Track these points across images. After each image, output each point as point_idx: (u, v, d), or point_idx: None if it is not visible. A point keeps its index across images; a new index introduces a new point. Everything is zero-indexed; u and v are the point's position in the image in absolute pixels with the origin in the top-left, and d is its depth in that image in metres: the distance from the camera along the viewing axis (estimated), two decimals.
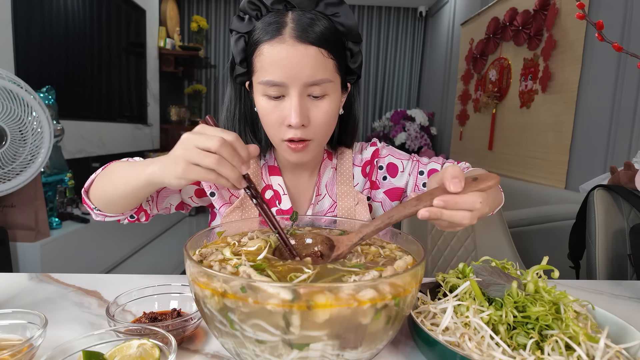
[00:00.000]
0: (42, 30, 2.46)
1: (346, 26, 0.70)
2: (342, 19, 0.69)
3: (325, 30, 0.67)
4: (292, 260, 0.54)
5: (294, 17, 0.66)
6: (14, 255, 1.76)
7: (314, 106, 0.70)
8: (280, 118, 0.70)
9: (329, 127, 0.74)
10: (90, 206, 0.75)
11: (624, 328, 0.54)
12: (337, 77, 0.71)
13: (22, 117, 1.56)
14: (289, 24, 0.66)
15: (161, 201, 0.81)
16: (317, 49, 0.66)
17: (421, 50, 5.24)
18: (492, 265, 0.59)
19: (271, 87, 0.68)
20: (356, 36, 0.72)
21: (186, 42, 4.92)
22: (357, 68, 0.76)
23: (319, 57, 0.66)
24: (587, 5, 2.22)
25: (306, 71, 0.66)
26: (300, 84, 0.66)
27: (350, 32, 0.71)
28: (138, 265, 2.78)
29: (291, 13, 0.67)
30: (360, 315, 0.39)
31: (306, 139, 0.71)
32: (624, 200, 1.15)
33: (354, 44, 0.73)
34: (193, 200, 0.85)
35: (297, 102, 0.67)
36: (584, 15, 0.66)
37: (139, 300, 0.61)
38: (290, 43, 0.65)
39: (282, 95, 0.69)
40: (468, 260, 1.58)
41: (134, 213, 0.77)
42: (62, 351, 0.44)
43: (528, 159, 2.77)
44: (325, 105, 0.70)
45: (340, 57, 0.71)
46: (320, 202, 0.85)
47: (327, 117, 0.71)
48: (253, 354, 0.42)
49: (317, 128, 0.71)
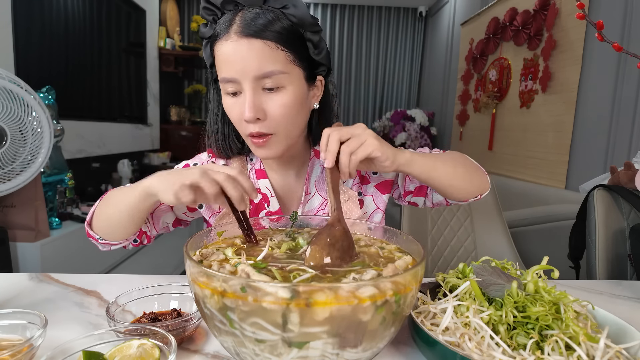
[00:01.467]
0: (42, 30, 2.46)
1: (297, 16, 0.70)
2: (292, 10, 0.69)
3: (271, 23, 0.67)
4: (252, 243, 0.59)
5: (242, 15, 0.68)
6: (14, 255, 1.76)
7: (268, 99, 0.70)
8: (240, 113, 0.71)
9: (290, 120, 0.72)
10: (94, 237, 0.77)
11: (624, 328, 0.54)
12: (294, 68, 0.70)
13: (22, 117, 1.56)
14: (236, 21, 0.68)
15: (157, 221, 0.83)
16: (261, 42, 0.67)
17: (421, 50, 5.24)
18: (492, 265, 0.59)
19: (227, 83, 0.70)
20: (312, 25, 0.71)
21: (186, 42, 4.92)
22: (323, 59, 0.75)
23: (265, 49, 0.67)
24: (587, 5, 2.22)
25: (253, 64, 0.67)
26: (250, 77, 0.67)
27: (303, 22, 0.70)
28: (138, 265, 2.78)
29: (241, 12, 0.68)
30: (360, 312, 0.39)
31: (266, 132, 0.71)
32: (624, 200, 1.15)
33: (313, 34, 0.72)
34: (187, 215, 0.87)
35: (249, 96, 0.68)
36: (584, 15, 0.66)
37: (139, 300, 0.61)
38: (234, 39, 0.67)
39: (239, 91, 0.70)
40: (468, 260, 1.58)
41: (137, 237, 0.80)
42: (62, 351, 0.44)
43: (528, 159, 2.77)
44: (280, 98, 0.70)
45: (296, 48, 0.70)
46: (310, 201, 0.84)
47: (285, 109, 0.70)
48: (253, 353, 0.42)
49: (274, 121, 0.71)
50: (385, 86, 5.30)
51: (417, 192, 0.86)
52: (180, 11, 4.95)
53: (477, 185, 0.78)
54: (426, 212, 1.62)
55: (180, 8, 4.96)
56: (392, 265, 0.49)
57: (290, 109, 0.71)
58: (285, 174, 0.86)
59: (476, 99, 3.57)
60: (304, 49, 0.72)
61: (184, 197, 0.58)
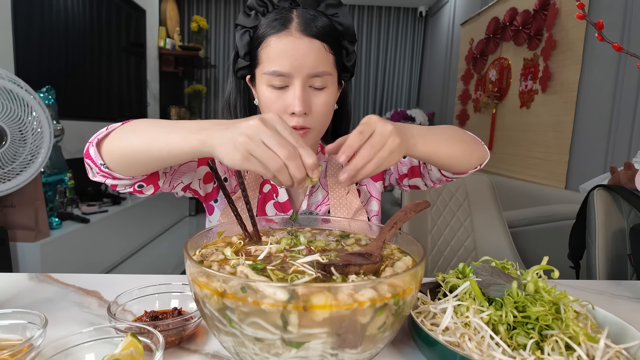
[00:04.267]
0: (42, 30, 2.46)
1: (344, 26, 0.76)
2: (341, 19, 0.75)
3: (327, 27, 0.73)
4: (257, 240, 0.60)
5: (299, 13, 0.72)
6: (14, 255, 1.76)
7: (314, 96, 0.74)
8: (283, 107, 0.74)
9: (327, 118, 0.78)
10: (95, 162, 0.65)
11: (624, 328, 0.54)
12: (335, 71, 0.76)
13: (22, 117, 1.56)
14: (294, 19, 0.72)
15: (177, 177, 0.77)
16: (320, 43, 0.71)
17: (421, 50, 5.24)
18: (492, 265, 0.59)
19: (276, 77, 0.72)
20: (352, 36, 0.78)
21: (186, 42, 4.92)
22: (351, 66, 0.82)
23: (321, 50, 0.72)
24: (587, 5, 2.22)
25: (310, 62, 0.71)
26: (304, 74, 0.71)
27: (347, 31, 0.76)
28: (138, 265, 2.78)
29: (296, 10, 0.73)
30: (359, 314, 0.39)
31: (307, 127, 0.75)
32: (624, 200, 1.15)
33: (350, 44, 0.79)
34: (199, 185, 0.83)
35: (301, 92, 0.72)
36: (584, 15, 0.66)
37: (140, 299, 0.61)
38: (296, 36, 0.70)
39: (286, 85, 0.73)
40: (468, 260, 1.58)
41: (143, 181, 0.69)
42: (55, 347, 0.44)
43: (528, 159, 2.77)
44: (324, 96, 0.75)
45: (338, 54, 0.76)
46: (314, 194, 0.89)
47: (327, 107, 0.76)
48: (252, 353, 0.42)
49: (317, 117, 0.75)
50: (385, 86, 5.30)
51: (411, 174, 0.89)
52: (180, 11, 4.95)
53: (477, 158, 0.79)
54: (426, 212, 1.62)
55: (180, 8, 4.96)
56: (390, 268, 0.49)
57: (329, 107, 0.77)
58: None
59: (476, 99, 3.57)
60: (341, 55, 0.78)
61: (252, 166, 0.50)
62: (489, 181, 1.66)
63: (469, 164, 0.77)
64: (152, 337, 0.46)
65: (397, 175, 0.91)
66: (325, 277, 0.47)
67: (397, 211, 0.61)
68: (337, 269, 0.47)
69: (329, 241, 0.61)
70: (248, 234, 0.61)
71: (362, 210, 0.86)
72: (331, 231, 0.67)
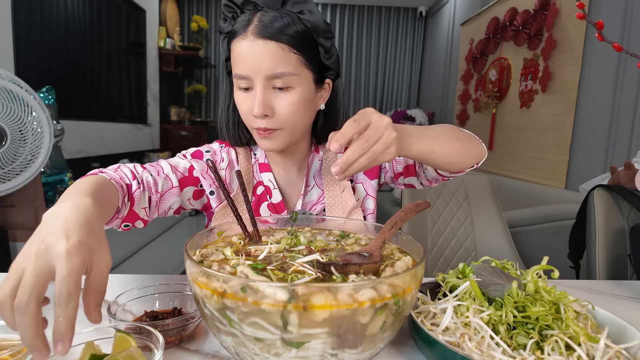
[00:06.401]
0: (42, 31, 2.46)
1: (312, 22, 0.74)
2: (307, 16, 0.73)
3: (286, 27, 0.71)
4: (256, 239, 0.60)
5: (260, 16, 0.72)
6: (14, 255, 1.76)
7: (278, 98, 0.74)
8: (249, 108, 0.75)
9: (297, 119, 0.76)
10: None
11: (624, 328, 0.54)
12: (304, 71, 0.74)
13: (22, 117, 1.56)
14: (254, 22, 0.71)
15: (163, 205, 0.80)
16: (275, 44, 0.70)
17: (421, 50, 5.24)
18: (492, 265, 0.59)
19: (240, 79, 0.74)
20: (325, 32, 0.76)
21: (186, 42, 4.92)
22: (333, 64, 0.79)
23: (277, 51, 0.70)
24: (587, 5, 2.22)
25: (266, 64, 0.70)
26: (262, 76, 0.71)
27: (317, 28, 0.74)
28: (138, 265, 2.78)
29: (259, 13, 0.72)
30: (359, 314, 0.39)
31: (271, 128, 0.75)
32: (624, 200, 1.15)
33: (325, 40, 0.76)
34: (190, 203, 0.86)
35: (259, 94, 0.72)
36: (584, 15, 0.66)
37: (140, 299, 0.61)
38: (250, 39, 0.71)
39: (251, 87, 0.74)
40: (468, 260, 1.58)
41: (126, 221, 0.73)
42: None
43: (528, 159, 2.77)
44: (288, 97, 0.73)
45: (308, 52, 0.74)
46: (309, 193, 0.89)
47: (292, 108, 0.74)
48: (252, 353, 0.42)
49: (282, 118, 0.75)
50: (385, 86, 5.30)
51: (406, 173, 0.88)
52: (180, 11, 4.95)
53: (473, 157, 0.77)
54: (426, 212, 1.62)
55: (180, 8, 4.96)
56: (390, 268, 0.49)
57: (296, 108, 0.75)
58: (287, 168, 0.90)
59: (476, 99, 3.57)
60: (316, 53, 0.76)
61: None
62: (489, 181, 1.66)
63: (465, 163, 0.76)
64: (152, 337, 0.46)
65: (392, 174, 0.90)
66: (325, 277, 0.47)
67: (397, 211, 0.61)
68: (337, 269, 0.47)
69: (329, 241, 0.61)
70: (248, 234, 0.61)
71: (357, 209, 0.86)
72: (331, 231, 0.67)
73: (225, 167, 0.87)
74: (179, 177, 0.81)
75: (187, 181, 0.82)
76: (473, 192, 1.64)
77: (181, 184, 0.81)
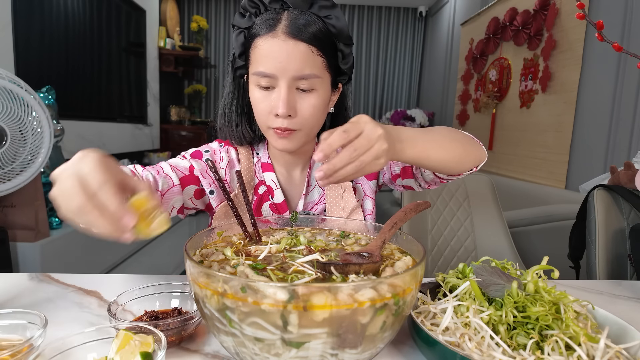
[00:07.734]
0: (42, 31, 2.46)
1: (337, 28, 0.75)
2: (334, 21, 0.74)
3: (316, 30, 0.72)
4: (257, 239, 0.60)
5: (288, 15, 0.72)
6: (14, 255, 1.76)
7: (301, 99, 0.74)
8: (269, 107, 0.74)
9: (315, 120, 0.78)
10: None
11: (624, 328, 0.54)
12: (326, 74, 0.75)
13: (22, 117, 1.56)
14: (283, 21, 0.71)
15: (166, 204, 0.80)
16: (306, 46, 0.71)
17: (421, 50, 5.24)
18: (492, 265, 0.59)
19: (263, 77, 0.73)
20: (347, 38, 0.77)
21: (186, 42, 4.92)
22: (348, 69, 0.80)
23: (307, 53, 0.71)
24: (587, 5, 2.22)
25: (295, 65, 0.71)
26: (289, 76, 0.71)
27: (341, 33, 0.75)
28: (138, 265, 2.78)
29: (286, 12, 0.72)
30: (359, 314, 0.39)
31: (292, 128, 0.75)
32: (624, 200, 1.15)
33: (345, 46, 0.78)
34: (193, 202, 0.85)
35: (285, 94, 0.72)
36: (584, 15, 0.66)
37: (140, 299, 0.61)
38: (282, 38, 0.70)
39: (272, 86, 0.73)
40: (468, 260, 1.58)
41: None
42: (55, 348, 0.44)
43: (528, 159, 2.77)
44: (312, 99, 0.74)
45: (330, 56, 0.75)
46: (310, 193, 0.89)
47: (313, 110, 0.75)
48: (252, 353, 0.42)
49: (303, 119, 0.75)
50: (385, 86, 5.30)
51: (404, 174, 0.88)
52: (180, 11, 4.95)
53: (473, 160, 0.76)
54: (426, 212, 1.62)
55: (180, 8, 4.96)
56: (391, 268, 0.49)
57: (317, 110, 0.76)
58: (290, 168, 0.90)
59: (476, 99, 3.57)
60: (335, 58, 0.77)
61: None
62: (489, 181, 1.66)
63: (463, 167, 0.75)
64: (154, 336, 0.46)
65: (390, 175, 0.90)
66: (325, 277, 0.47)
67: (397, 211, 0.61)
68: (337, 269, 0.47)
69: (329, 241, 0.61)
70: (248, 234, 0.61)
71: (358, 209, 0.86)
72: (331, 231, 0.67)
73: (225, 167, 0.86)
74: (180, 176, 0.80)
75: (188, 180, 0.82)
76: (473, 192, 1.64)
77: (182, 183, 0.81)
